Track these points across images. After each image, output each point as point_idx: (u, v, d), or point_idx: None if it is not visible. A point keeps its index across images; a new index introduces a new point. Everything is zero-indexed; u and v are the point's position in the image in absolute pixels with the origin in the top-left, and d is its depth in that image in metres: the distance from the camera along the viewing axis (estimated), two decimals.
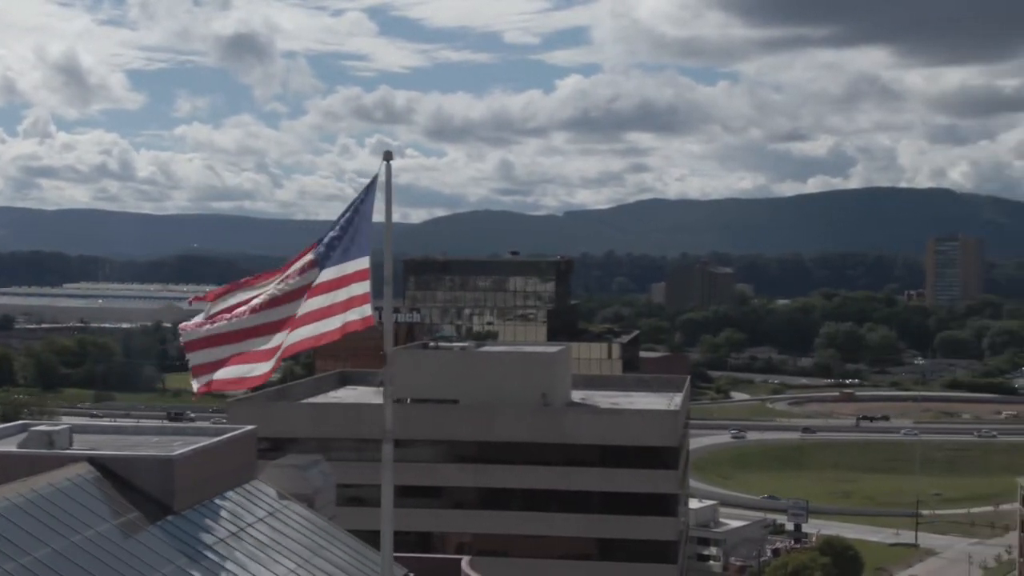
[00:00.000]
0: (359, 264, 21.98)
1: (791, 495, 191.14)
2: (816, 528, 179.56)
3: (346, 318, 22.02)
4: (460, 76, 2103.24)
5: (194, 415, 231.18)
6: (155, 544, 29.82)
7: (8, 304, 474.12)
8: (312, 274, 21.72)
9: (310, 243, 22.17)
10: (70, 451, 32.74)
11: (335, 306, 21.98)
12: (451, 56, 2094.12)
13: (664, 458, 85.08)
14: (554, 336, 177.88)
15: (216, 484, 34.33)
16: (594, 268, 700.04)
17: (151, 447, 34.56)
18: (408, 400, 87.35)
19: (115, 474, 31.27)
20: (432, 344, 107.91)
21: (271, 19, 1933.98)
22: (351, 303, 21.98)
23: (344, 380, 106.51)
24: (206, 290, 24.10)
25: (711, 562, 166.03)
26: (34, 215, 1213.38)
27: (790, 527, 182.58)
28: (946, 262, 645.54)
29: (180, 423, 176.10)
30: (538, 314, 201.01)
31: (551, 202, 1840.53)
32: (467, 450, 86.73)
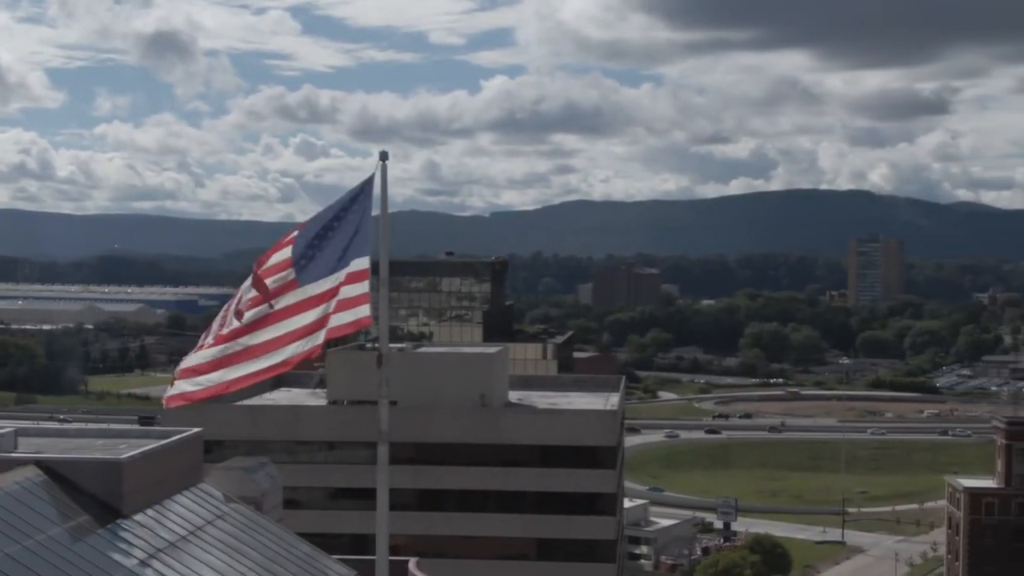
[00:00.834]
0: (359, 264, 21.61)
1: (720, 494, 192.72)
2: (744, 527, 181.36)
3: (331, 323, 21.70)
4: (385, 76, 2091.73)
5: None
6: (106, 548, 29.45)
7: None
8: (294, 287, 21.47)
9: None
10: (16, 455, 32.02)
11: (323, 319, 21.72)
12: (376, 56, 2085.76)
13: (601, 458, 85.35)
14: (490, 337, 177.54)
15: (164, 487, 33.92)
16: (521, 269, 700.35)
17: (97, 450, 33.95)
18: (345, 402, 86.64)
19: (63, 477, 30.75)
20: (368, 345, 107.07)
21: (193, 17, 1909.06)
22: (342, 306, 21.61)
23: (279, 382, 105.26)
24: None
25: (642, 561, 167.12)
26: None
27: (719, 525, 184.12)
28: (867, 263, 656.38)
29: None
30: (473, 315, 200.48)
31: (477, 203, 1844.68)
32: (405, 451, 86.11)
